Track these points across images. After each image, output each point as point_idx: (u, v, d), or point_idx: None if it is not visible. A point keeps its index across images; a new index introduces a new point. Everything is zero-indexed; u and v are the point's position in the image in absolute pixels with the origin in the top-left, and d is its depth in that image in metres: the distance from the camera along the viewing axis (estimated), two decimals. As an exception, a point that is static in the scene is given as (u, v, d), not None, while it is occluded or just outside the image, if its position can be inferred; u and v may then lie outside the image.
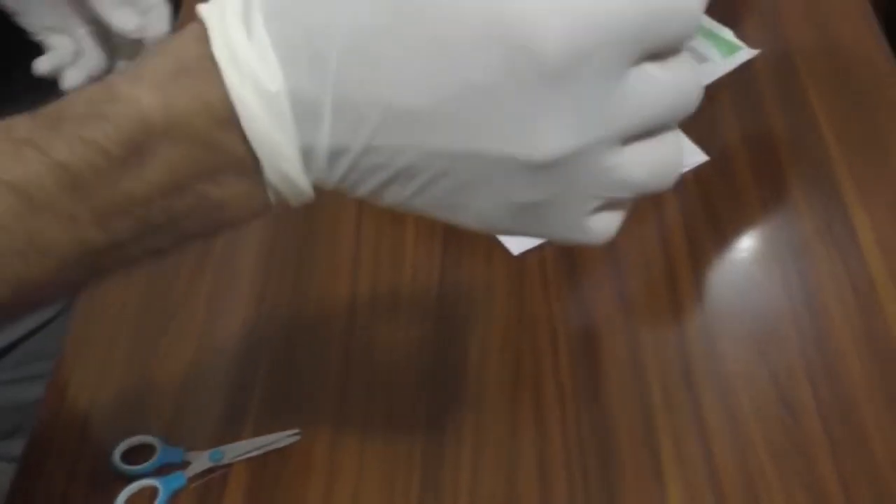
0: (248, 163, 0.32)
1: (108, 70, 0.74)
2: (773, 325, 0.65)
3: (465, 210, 0.33)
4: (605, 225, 0.35)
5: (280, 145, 0.31)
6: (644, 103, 0.32)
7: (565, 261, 0.70)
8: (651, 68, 0.32)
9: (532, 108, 0.30)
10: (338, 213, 0.75)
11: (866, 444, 0.59)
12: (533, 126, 0.31)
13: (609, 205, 0.35)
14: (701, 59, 0.84)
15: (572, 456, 0.60)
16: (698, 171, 0.76)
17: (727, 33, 0.85)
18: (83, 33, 0.68)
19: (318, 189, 0.34)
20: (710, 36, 0.85)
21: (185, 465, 0.61)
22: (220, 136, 0.31)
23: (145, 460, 0.61)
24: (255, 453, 0.61)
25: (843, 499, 0.56)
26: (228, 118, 0.31)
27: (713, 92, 0.81)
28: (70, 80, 0.73)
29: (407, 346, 0.66)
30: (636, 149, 0.33)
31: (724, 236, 0.71)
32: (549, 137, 0.31)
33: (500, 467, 0.59)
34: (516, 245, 0.71)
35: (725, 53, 0.84)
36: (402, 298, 0.69)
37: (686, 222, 0.72)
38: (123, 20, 0.66)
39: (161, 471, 0.61)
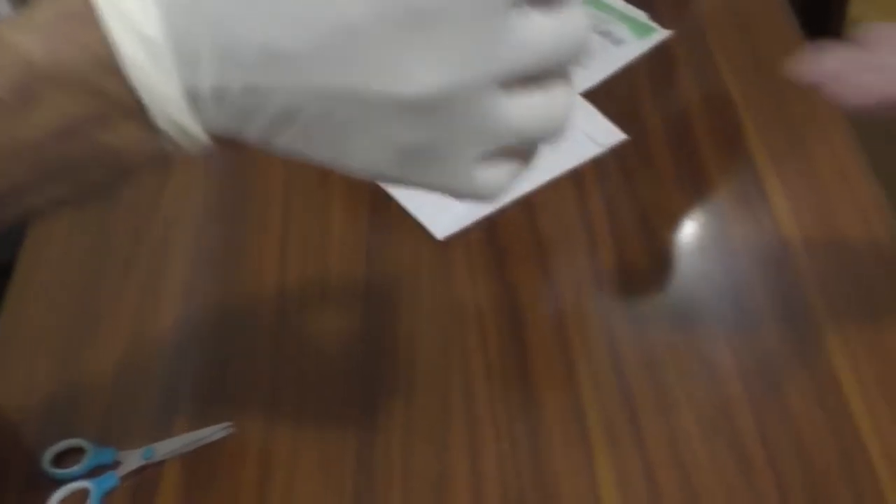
0: (135, 108, 0.32)
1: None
2: (694, 293, 0.67)
3: (353, 155, 0.34)
4: (494, 178, 0.36)
5: (163, 89, 0.32)
6: (524, 47, 0.32)
7: (490, 244, 0.71)
8: (534, 13, 0.33)
9: (401, 45, 0.31)
10: (265, 203, 0.75)
11: (783, 400, 0.60)
12: (402, 63, 0.31)
13: (498, 157, 0.35)
14: (616, 41, 0.85)
15: (501, 432, 0.61)
16: (617, 150, 0.77)
17: (640, 15, 0.87)
18: None
19: (216, 137, 0.34)
20: (625, 18, 0.87)
21: (116, 465, 0.61)
22: (105, 81, 0.32)
23: (76, 463, 0.61)
24: (188, 449, 0.61)
25: (764, 453, 0.58)
26: (112, 64, 0.31)
27: (630, 73, 0.83)
28: None
29: (337, 334, 0.67)
30: (520, 95, 0.34)
31: (643, 211, 0.73)
32: (418, 75, 0.31)
33: (432, 446, 0.60)
34: (441, 229, 0.72)
35: (640, 35, 0.86)
36: (330, 287, 0.70)
37: (607, 200, 0.74)
38: None
39: (93, 472, 0.60)
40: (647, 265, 0.69)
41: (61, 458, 0.61)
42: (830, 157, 0.74)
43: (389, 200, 0.75)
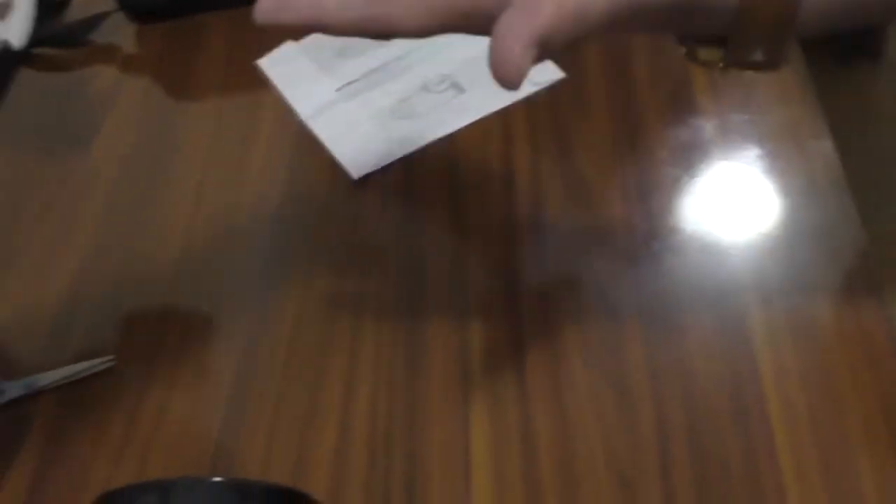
0: None
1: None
2: (605, 233, 0.63)
3: None
4: None
5: None
6: None
7: (405, 184, 0.69)
8: None
9: None
10: (192, 138, 0.74)
11: (677, 334, 0.56)
12: None
13: None
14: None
15: (381, 370, 0.58)
16: (553, 89, 0.73)
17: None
18: None
19: None
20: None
21: (-2, 393, 0.60)
22: None
23: (-43, 391, 0.60)
24: (67, 381, 0.60)
25: (652, 394, 0.54)
26: None
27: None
28: None
29: (235, 267, 0.65)
30: None
31: (570, 151, 0.69)
32: None
33: (308, 381, 0.58)
34: (357, 168, 0.70)
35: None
36: (237, 222, 0.68)
37: (532, 139, 0.70)
38: None
39: (-26, 400, 0.60)
40: (562, 208, 0.65)
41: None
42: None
43: (312, 140, 0.73)
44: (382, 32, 0.38)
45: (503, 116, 0.72)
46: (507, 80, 0.34)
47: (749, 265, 0.59)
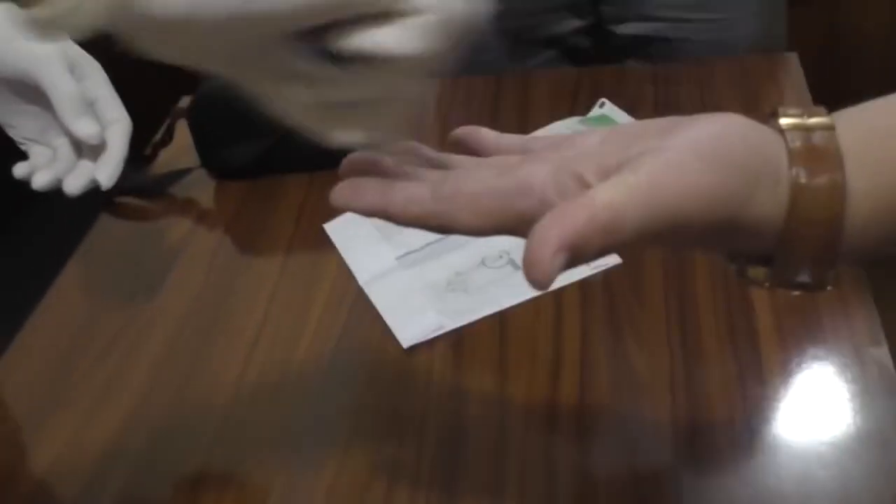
0: None
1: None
2: (649, 426, 0.62)
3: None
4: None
5: None
6: None
7: (454, 357, 0.69)
8: None
9: None
10: (253, 293, 0.77)
11: None
12: None
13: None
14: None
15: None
16: (608, 273, 0.74)
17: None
18: (60, 143, 0.73)
19: None
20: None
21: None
22: None
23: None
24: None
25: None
26: None
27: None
28: (39, 181, 0.79)
29: (277, 422, 0.66)
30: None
31: (620, 338, 0.69)
32: None
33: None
34: (408, 337, 0.71)
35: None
36: (289, 377, 0.69)
37: (583, 322, 0.70)
38: (84, 128, 0.72)
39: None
40: (608, 397, 0.65)
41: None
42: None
43: (368, 305, 0.74)
44: (443, 229, 0.41)
45: (556, 297, 0.73)
46: (537, 282, 0.36)
47: (796, 469, 0.58)
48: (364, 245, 0.80)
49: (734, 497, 0.57)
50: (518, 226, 0.39)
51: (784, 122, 0.39)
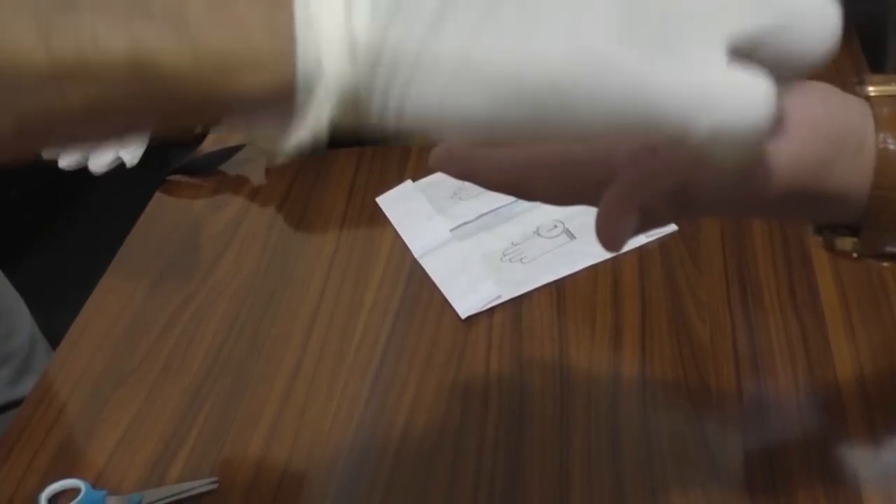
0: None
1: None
2: (713, 394, 0.62)
3: (548, 38, 0.29)
4: (743, 82, 0.30)
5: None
6: None
7: (512, 327, 0.69)
8: None
9: None
10: (311, 268, 0.77)
11: (785, 499, 0.54)
12: None
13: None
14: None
15: (477, 515, 0.58)
16: (664, 242, 0.74)
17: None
18: None
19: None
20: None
21: (103, 507, 0.62)
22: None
23: (69, 501, 0.62)
24: (171, 499, 0.62)
25: None
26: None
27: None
28: (65, 161, 0.80)
29: (342, 401, 0.66)
30: None
31: (680, 306, 0.69)
32: None
33: (402, 522, 0.58)
34: (465, 308, 0.71)
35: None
36: (348, 350, 0.70)
37: (642, 290, 0.70)
38: None
39: (80, 512, 0.62)
40: (669, 364, 0.65)
41: (58, 497, 0.63)
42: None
43: (424, 277, 0.75)
44: (523, 196, 0.41)
45: (613, 265, 0.73)
46: (609, 244, 0.36)
47: (863, 432, 0.57)
48: (417, 218, 0.80)
49: (801, 462, 0.57)
50: (593, 194, 0.39)
51: (871, 89, 0.39)
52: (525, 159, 0.40)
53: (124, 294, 0.79)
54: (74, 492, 0.63)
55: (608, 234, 0.36)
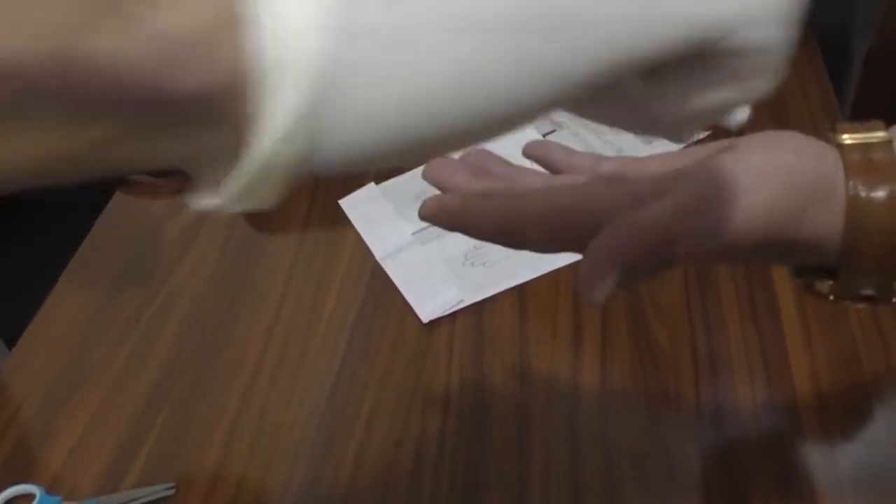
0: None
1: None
2: (672, 400, 0.62)
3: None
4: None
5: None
6: None
7: (473, 331, 0.69)
8: None
9: None
10: (272, 269, 0.76)
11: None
12: None
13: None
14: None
15: (436, 521, 0.57)
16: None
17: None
18: None
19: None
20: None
21: (56, 513, 0.61)
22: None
23: (21, 507, 0.62)
24: (126, 505, 0.61)
25: None
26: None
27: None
28: None
29: (299, 405, 0.66)
30: None
31: (641, 312, 0.69)
32: None
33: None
34: (427, 312, 0.71)
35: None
36: (309, 353, 0.69)
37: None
38: None
39: (33, 519, 0.61)
40: (630, 371, 0.65)
41: (12, 503, 0.62)
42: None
43: (386, 280, 0.74)
44: (513, 246, 0.41)
45: (575, 270, 0.73)
46: (589, 299, 0.36)
47: (819, 439, 0.58)
48: (380, 221, 0.79)
49: (758, 469, 0.57)
50: (580, 243, 0.39)
51: (841, 137, 0.39)
52: (516, 209, 0.40)
53: (82, 295, 0.78)
54: (29, 497, 0.62)
55: (590, 290, 0.36)
